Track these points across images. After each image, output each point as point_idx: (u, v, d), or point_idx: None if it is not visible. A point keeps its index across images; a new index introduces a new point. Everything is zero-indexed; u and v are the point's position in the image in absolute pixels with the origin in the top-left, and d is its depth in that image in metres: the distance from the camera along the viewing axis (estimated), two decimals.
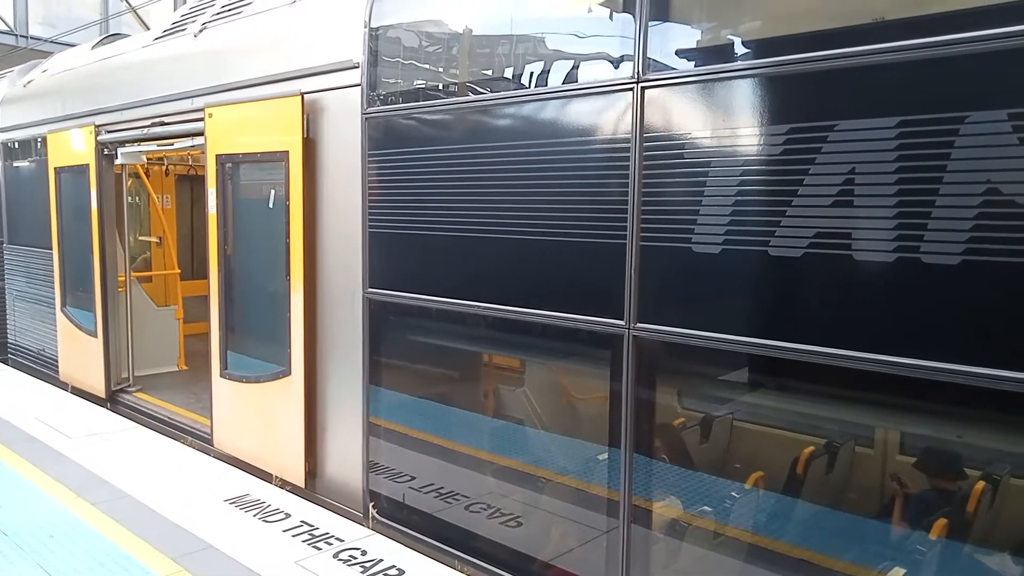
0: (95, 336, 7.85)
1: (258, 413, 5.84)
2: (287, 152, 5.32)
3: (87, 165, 7.72)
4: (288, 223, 5.36)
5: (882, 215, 2.72)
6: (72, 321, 8.31)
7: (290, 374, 5.46)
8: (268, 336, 5.79)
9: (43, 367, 9.12)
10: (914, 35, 2.66)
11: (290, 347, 5.44)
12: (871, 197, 2.74)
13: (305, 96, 5.21)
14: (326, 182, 5.26)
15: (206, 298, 6.41)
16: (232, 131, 5.88)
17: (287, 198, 5.35)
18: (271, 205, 5.60)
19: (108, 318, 7.76)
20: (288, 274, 5.39)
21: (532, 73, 4.08)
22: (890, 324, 2.77)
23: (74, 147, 7.99)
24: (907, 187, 2.66)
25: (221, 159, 5.99)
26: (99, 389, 7.89)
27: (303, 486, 5.41)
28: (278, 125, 5.40)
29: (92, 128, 7.61)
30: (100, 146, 7.60)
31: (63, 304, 8.49)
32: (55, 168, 8.33)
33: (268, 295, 5.77)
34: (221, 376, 6.12)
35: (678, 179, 3.32)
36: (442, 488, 4.67)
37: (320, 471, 5.44)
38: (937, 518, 3.01)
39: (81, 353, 8.19)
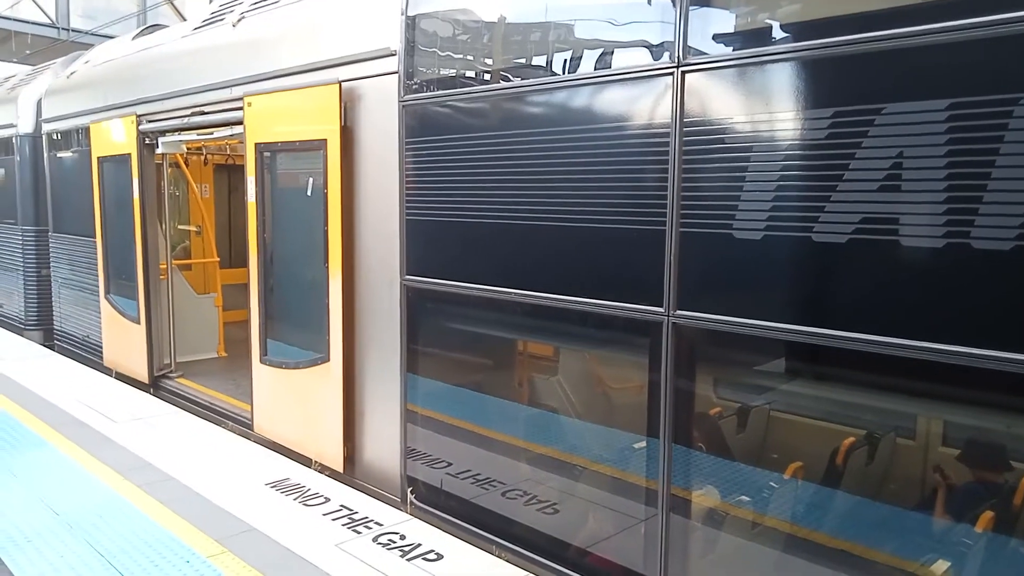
0: (138, 323, 8.02)
1: (297, 399, 5.93)
2: (325, 140, 5.37)
3: (129, 154, 7.86)
4: (326, 211, 5.41)
5: (931, 200, 2.66)
6: (115, 308, 8.49)
7: (328, 360, 5.53)
8: (307, 323, 5.86)
9: (88, 352, 9.34)
10: (965, 15, 2.59)
11: (328, 334, 5.50)
12: (920, 181, 2.69)
13: (343, 84, 5.24)
14: (363, 170, 5.29)
15: (244, 286, 6.50)
16: (271, 120, 5.94)
17: (325, 186, 5.40)
18: (309, 193, 5.65)
19: (151, 305, 7.91)
20: (326, 261, 5.45)
21: (570, 59, 4.05)
22: (938, 311, 2.72)
23: (116, 137, 8.14)
24: (958, 171, 2.60)
25: (260, 147, 6.06)
26: (142, 374, 8.06)
27: (342, 471, 5.48)
28: (316, 113, 5.44)
29: (134, 118, 7.74)
30: (141, 135, 7.73)
31: (107, 291, 8.67)
32: (98, 157, 8.50)
33: (307, 282, 5.84)
34: (261, 362, 6.22)
35: (719, 164, 3.27)
36: (479, 475, 4.70)
37: (358, 456, 5.51)
38: (983, 511, 2.96)
39: (125, 339, 8.37)
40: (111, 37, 13.61)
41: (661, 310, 3.48)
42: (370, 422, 5.42)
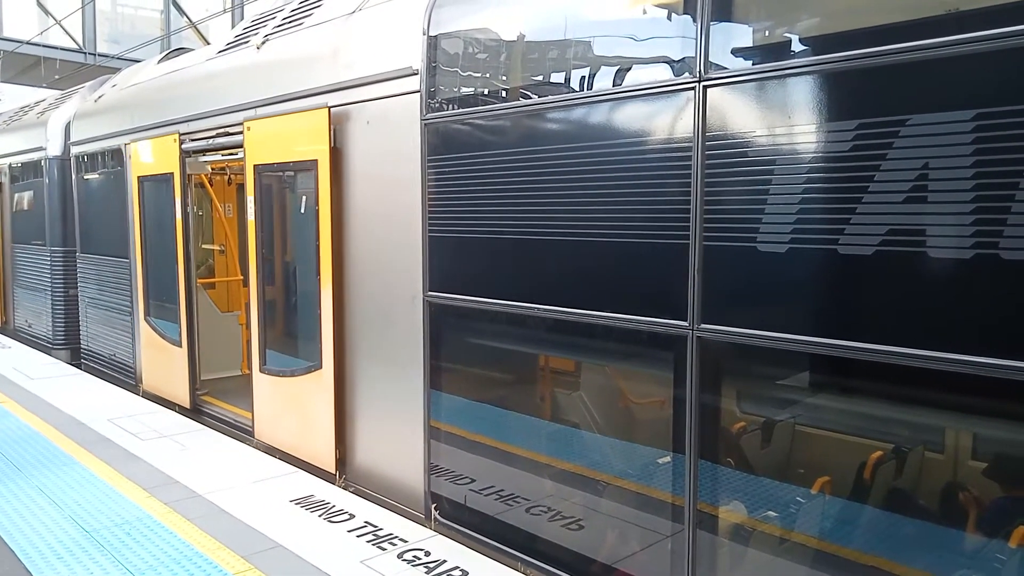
0: (179, 345, 7.98)
1: (296, 409, 6.03)
2: (316, 161, 5.50)
3: (172, 173, 7.87)
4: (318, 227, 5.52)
5: (958, 211, 2.65)
6: (156, 330, 8.53)
7: (321, 368, 5.68)
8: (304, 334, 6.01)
9: (114, 371, 9.44)
10: (990, 26, 2.58)
11: (321, 343, 5.66)
12: (946, 192, 2.67)
13: (366, 104, 5.31)
14: (375, 187, 5.39)
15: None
16: (275, 141, 6.06)
17: (317, 203, 5.50)
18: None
19: (193, 326, 7.89)
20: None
21: (592, 75, 4.08)
22: (967, 323, 2.70)
23: (158, 156, 8.16)
24: (985, 181, 2.58)
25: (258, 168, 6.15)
26: (183, 398, 8.01)
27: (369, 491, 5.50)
28: (308, 135, 5.54)
29: (176, 136, 7.78)
30: (184, 154, 7.78)
31: (147, 313, 8.68)
32: (138, 177, 8.53)
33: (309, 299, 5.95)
34: (260, 371, 6.31)
35: (742, 178, 3.28)
36: (503, 491, 4.69)
37: (380, 472, 5.51)
38: (1015, 527, 2.91)
39: (164, 361, 8.37)
40: (137, 61, 13.87)
41: (685, 324, 3.48)
42: (394, 438, 5.43)
